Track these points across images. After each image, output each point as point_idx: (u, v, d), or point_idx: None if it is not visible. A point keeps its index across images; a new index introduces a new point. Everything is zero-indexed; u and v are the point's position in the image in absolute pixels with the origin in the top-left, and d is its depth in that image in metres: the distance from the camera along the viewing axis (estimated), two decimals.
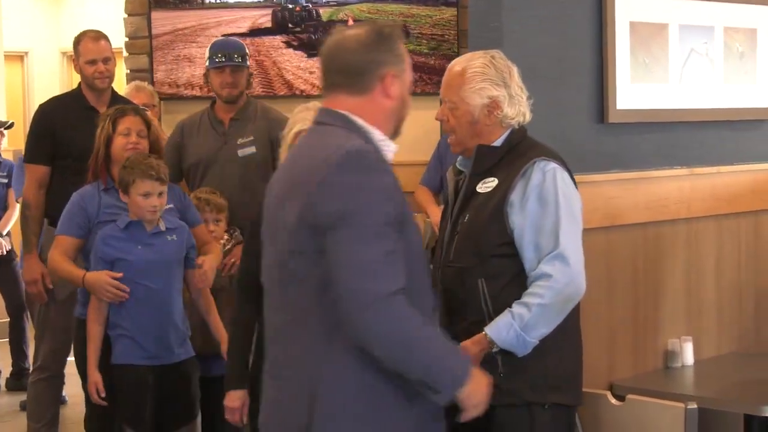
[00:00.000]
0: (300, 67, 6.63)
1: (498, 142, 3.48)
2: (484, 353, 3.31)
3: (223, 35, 5.92)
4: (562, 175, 3.42)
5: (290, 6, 6.59)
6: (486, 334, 3.31)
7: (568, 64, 4.38)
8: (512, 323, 3.29)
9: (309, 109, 3.54)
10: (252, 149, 5.19)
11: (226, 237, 4.97)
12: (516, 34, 4.23)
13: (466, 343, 3.31)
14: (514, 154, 3.45)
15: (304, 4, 6.61)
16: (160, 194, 4.33)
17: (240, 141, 5.21)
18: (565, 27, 4.39)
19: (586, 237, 3.53)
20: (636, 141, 4.58)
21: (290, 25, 6.65)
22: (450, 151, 3.77)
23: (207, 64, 5.27)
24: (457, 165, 3.59)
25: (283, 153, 3.68)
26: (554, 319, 3.33)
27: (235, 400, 3.75)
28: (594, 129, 4.35)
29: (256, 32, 6.60)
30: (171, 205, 4.49)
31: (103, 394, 4.32)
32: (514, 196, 3.36)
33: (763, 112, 5.16)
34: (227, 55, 5.20)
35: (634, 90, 4.60)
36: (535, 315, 3.28)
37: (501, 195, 3.38)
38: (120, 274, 4.29)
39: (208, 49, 5.31)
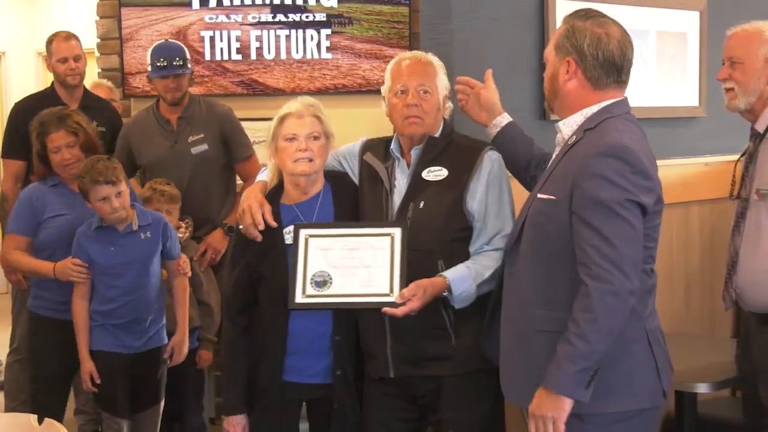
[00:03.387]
0: None
1: (438, 133, 3.53)
2: (435, 297, 3.33)
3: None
4: (501, 162, 3.52)
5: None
6: (446, 280, 3.33)
7: (513, 64, 4.38)
8: (470, 278, 3.35)
9: (296, 100, 3.54)
10: (204, 146, 5.05)
11: (182, 226, 4.86)
12: (465, 36, 4.23)
13: (423, 283, 3.31)
14: (453, 144, 3.53)
15: None
16: (118, 194, 4.19)
17: (191, 139, 5.07)
18: (510, 30, 4.40)
19: None
20: None
21: None
22: None
23: (149, 69, 5.09)
24: (392, 151, 3.56)
25: (268, 142, 3.54)
26: (492, 286, 3.38)
27: (235, 425, 3.59)
28: (537, 125, 4.35)
29: None
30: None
31: (98, 381, 4.28)
32: (472, 186, 3.42)
33: (693, 110, 5.21)
34: (168, 60, 5.01)
35: None
36: (488, 278, 3.37)
37: (459, 183, 3.43)
38: (79, 261, 4.24)
39: (149, 55, 5.10)
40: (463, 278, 3.35)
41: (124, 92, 5.83)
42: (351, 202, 3.56)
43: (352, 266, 3.37)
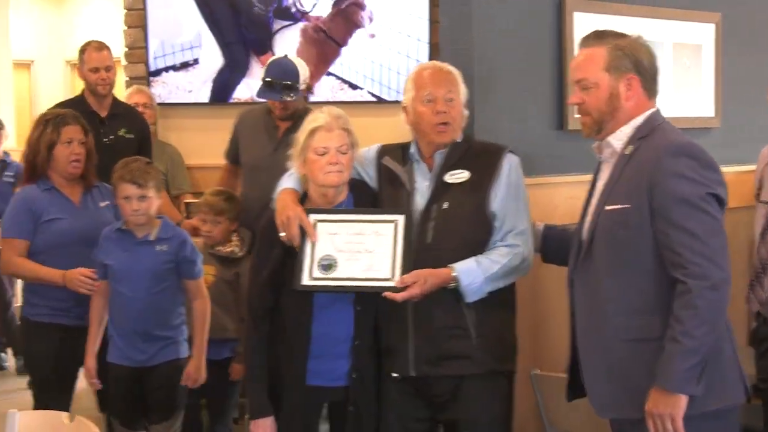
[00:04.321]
0: None
1: (459, 138, 3.58)
2: (440, 287, 3.37)
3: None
4: (519, 163, 3.58)
5: None
6: (453, 271, 3.37)
7: (531, 75, 4.41)
8: (478, 271, 3.39)
9: (323, 111, 3.53)
10: None
11: (233, 240, 4.76)
12: (484, 47, 4.26)
13: (425, 272, 3.35)
14: (472, 148, 3.58)
15: None
16: (143, 198, 4.12)
17: (290, 152, 4.83)
18: (528, 42, 4.43)
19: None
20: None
21: None
22: None
23: (261, 84, 4.79)
24: (412, 154, 3.59)
25: (297, 153, 3.53)
26: (506, 282, 3.47)
27: (265, 428, 3.54)
28: (554, 135, 4.38)
29: None
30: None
31: (93, 380, 4.22)
32: (495, 187, 3.48)
33: (709, 121, 5.22)
34: (276, 81, 4.71)
35: None
36: (499, 272, 3.42)
37: (482, 185, 3.48)
38: (91, 271, 4.16)
39: (264, 70, 4.86)
40: (470, 270, 3.39)
41: None
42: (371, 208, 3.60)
43: (356, 251, 3.41)
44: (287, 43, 5.79)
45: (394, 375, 3.53)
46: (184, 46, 6.00)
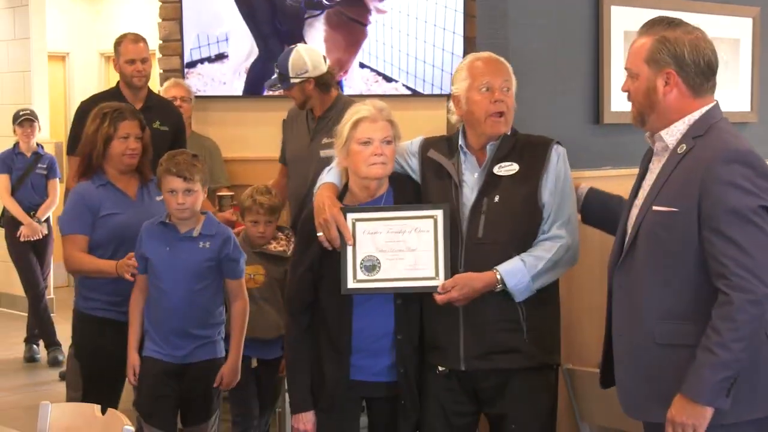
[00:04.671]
0: None
1: (507, 131, 3.54)
2: (487, 290, 3.36)
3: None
4: (566, 155, 3.54)
5: None
6: (497, 273, 3.36)
7: (567, 69, 4.40)
8: (524, 270, 3.37)
9: (366, 103, 3.51)
10: (332, 151, 4.64)
11: (282, 238, 4.72)
12: (519, 42, 4.25)
13: (466, 276, 3.35)
14: (519, 141, 3.53)
15: None
16: (188, 192, 4.04)
17: (324, 141, 4.74)
18: (565, 36, 4.41)
19: (584, 227, 3.56)
20: (628, 140, 4.58)
21: None
22: None
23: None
24: (461, 146, 3.55)
25: (340, 145, 3.51)
26: (555, 276, 3.46)
27: (306, 422, 3.54)
28: (590, 129, 4.37)
29: None
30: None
31: (134, 375, 4.15)
32: (545, 178, 3.45)
33: (746, 116, 5.18)
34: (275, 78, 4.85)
35: None
36: (545, 268, 3.39)
37: (533, 177, 3.45)
38: (130, 255, 4.09)
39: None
40: (516, 270, 3.36)
41: None
42: (412, 201, 3.58)
43: (398, 249, 3.39)
44: (316, 32, 5.79)
45: (441, 369, 3.50)
46: (219, 38, 6.00)
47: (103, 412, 3.25)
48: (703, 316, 2.86)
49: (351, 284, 3.39)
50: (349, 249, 3.39)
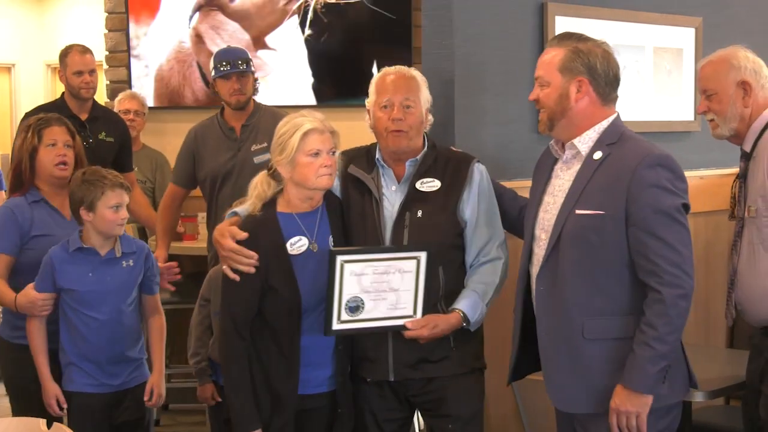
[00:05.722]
0: None
1: (426, 146, 3.60)
2: (452, 330, 3.45)
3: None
4: (488, 174, 3.64)
5: None
6: (459, 312, 3.44)
7: (513, 78, 4.41)
8: (479, 302, 3.47)
9: (306, 115, 3.46)
10: (267, 156, 4.57)
11: None
12: (465, 51, 4.26)
13: (435, 318, 3.43)
14: (440, 156, 3.60)
15: None
16: (126, 206, 3.86)
17: (254, 148, 4.84)
18: (510, 46, 4.42)
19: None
20: None
21: None
22: None
23: (212, 74, 4.91)
24: (378, 160, 3.58)
25: (286, 156, 3.40)
26: (498, 294, 3.56)
27: None
28: (536, 138, 4.38)
29: None
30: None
31: (64, 406, 3.87)
32: (465, 195, 3.52)
33: (689, 125, 5.22)
34: (231, 62, 4.84)
35: None
36: (492, 292, 3.52)
37: (453, 194, 3.52)
38: (51, 295, 3.83)
39: (211, 60, 4.95)
40: (475, 304, 3.47)
41: None
42: (339, 214, 3.56)
43: (382, 290, 3.41)
44: None
45: (369, 381, 3.56)
46: None
47: (49, 426, 3.20)
48: (628, 309, 3.10)
49: (335, 326, 3.39)
50: (336, 290, 3.36)
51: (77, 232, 3.87)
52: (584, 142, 3.20)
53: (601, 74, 3.18)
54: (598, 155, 3.15)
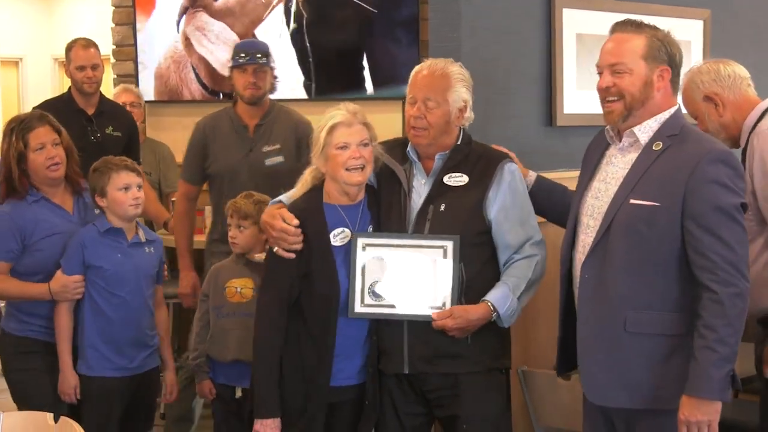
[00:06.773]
0: None
1: (459, 141, 3.55)
2: (483, 322, 3.39)
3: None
4: (520, 174, 3.58)
5: None
6: (488, 303, 3.39)
7: (520, 72, 4.40)
8: (509, 294, 3.40)
9: (339, 108, 3.48)
10: (280, 159, 4.65)
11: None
12: (472, 44, 4.25)
13: (461, 308, 3.38)
14: (473, 153, 3.54)
15: None
16: (139, 187, 3.88)
17: (266, 149, 4.67)
18: (517, 39, 4.42)
19: (542, 229, 3.61)
20: (581, 142, 4.57)
21: None
22: None
23: (230, 63, 4.73)
24: (408, 153, 3.57)
25: (317, 152, 3.45)
26: (533, 293, 3.49)
27: (273, 428, 3.41)
28: (543, 131, 4.38)
29: None
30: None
31: (79, 397, 3.89)
32: (491, 194, 3.46)
33: None
34: (250, 54, 4.68)
35: (580, 96, 4.62)
36: (526, 287, 3.44)
37: (478, 191, 3.47)
38: (81, 277, 3.85)
39: (232, 50, 4.83)
40: (504, 296, 3.41)
41: None
42: (379, 207, 3.57)
43: (405, 277, 3.41)
44: None
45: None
46: None
47: (56, 420, 3.20)
48: (674, 306, 3.01)
49: (358, 308, 3.39)
50: (359, 273, 3.39)
51: (103, 217, 3.92)
52: (644, 131, 3.11)
53: (678, 65, 3.13)
54: (658, 146, 3.08)
